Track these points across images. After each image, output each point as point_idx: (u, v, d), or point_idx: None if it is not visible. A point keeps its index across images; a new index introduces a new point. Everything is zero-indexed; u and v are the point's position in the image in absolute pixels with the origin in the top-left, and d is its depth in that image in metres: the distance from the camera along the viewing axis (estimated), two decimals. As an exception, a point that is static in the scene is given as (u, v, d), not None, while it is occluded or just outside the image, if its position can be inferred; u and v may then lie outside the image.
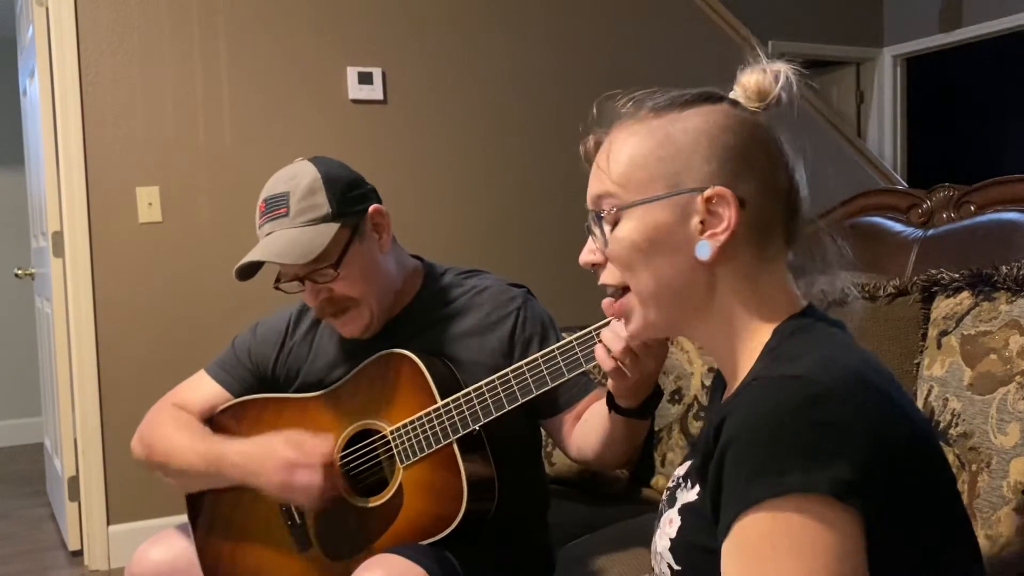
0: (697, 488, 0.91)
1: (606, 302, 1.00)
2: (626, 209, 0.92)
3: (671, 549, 0.93)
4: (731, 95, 0.95)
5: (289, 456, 1.46)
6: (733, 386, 0.94)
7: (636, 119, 0.94)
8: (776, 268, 0.93)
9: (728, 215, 0.88)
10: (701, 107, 0.93)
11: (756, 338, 0.91)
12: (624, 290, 0.95)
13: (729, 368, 0.95)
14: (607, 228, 0.93)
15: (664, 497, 1.00)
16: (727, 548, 0.79)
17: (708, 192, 0.89)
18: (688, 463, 0.99)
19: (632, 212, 0.91)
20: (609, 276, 0.96)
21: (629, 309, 0.96)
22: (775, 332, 0.90)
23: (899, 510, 0.78)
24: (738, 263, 0.91)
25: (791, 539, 0.75)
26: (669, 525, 0.94)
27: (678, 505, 0.94)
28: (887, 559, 0.78)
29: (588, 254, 0.98)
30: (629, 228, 0.92)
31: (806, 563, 0.74)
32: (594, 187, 0.96)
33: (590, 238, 0.97)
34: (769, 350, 0.89)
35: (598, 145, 0.97)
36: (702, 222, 0.89)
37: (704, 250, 0.89)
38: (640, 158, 0.92)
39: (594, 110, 0.97)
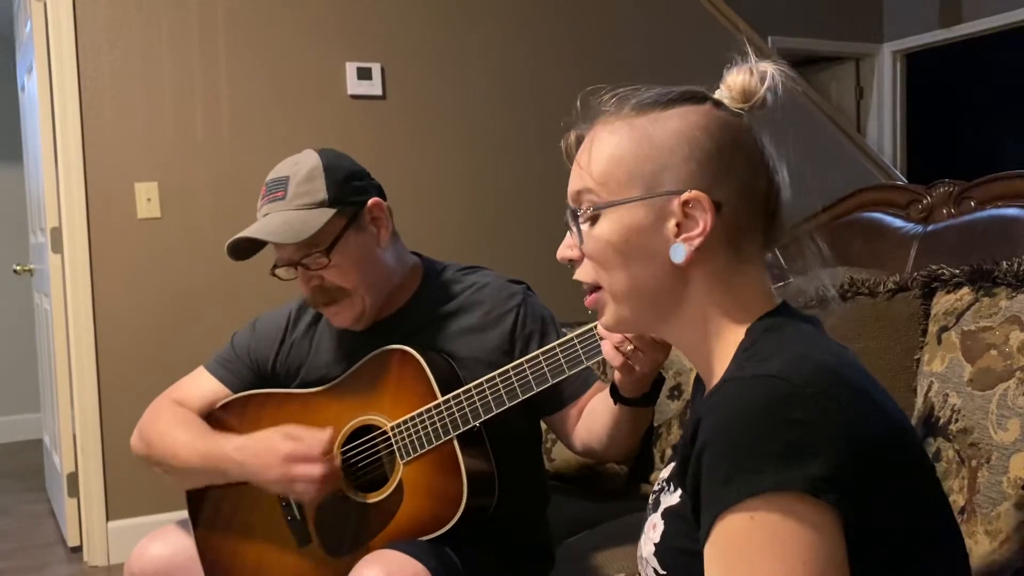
0: (679, 491, 0.92)
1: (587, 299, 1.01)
2: (604, 208, 0.92)
3: (656, 554, 0.94)
4: (716, 95, 0.94)
5: (288, 449, 1.46)
6: (710, 386, 0.94)
7: (619, 116, 0.94)
8: (751, 269, 0.93)
9: (704, 219, 0.88)
10: (683, 107, 0.92)
11: (729, 338, 0.91)
12: (597, 286, 0.95)
13: (704, 368, 0.95)
14: (585, 225, 0.94)
15: (650, 501, 1.00)
16: (708, 550, 0.79)
17: (685, 196, 0.88)
18: (671, 466, 0.99)
19: (610, 211, 0.91)
20: (583, 273, 0.96)
21: (602, 304, 0.96)
22: (748, 331, 0.90)
23: (876, 505, 0.78)
24: (713, 266, 0.91)
25: (769, 538, 0.75)
26: (653, 530, 0.95)
27: (661, 509, 0.95)
28: (866, 555, 0.78)
29: (565, 249, 0.98)
30: (606, 227, 0.92)
31: (787, 561, 0.75)
32: (574, 183, 0.95)
33: (568, 233, 0.97)
34: (743, 350, 0.88)
35: (579, 141, 0.97)
36: (678, 225, 0.89)
37: (679, 253, 0.89)
38: (620, 157, 0.91)
39: (577, 104, 0.97)
